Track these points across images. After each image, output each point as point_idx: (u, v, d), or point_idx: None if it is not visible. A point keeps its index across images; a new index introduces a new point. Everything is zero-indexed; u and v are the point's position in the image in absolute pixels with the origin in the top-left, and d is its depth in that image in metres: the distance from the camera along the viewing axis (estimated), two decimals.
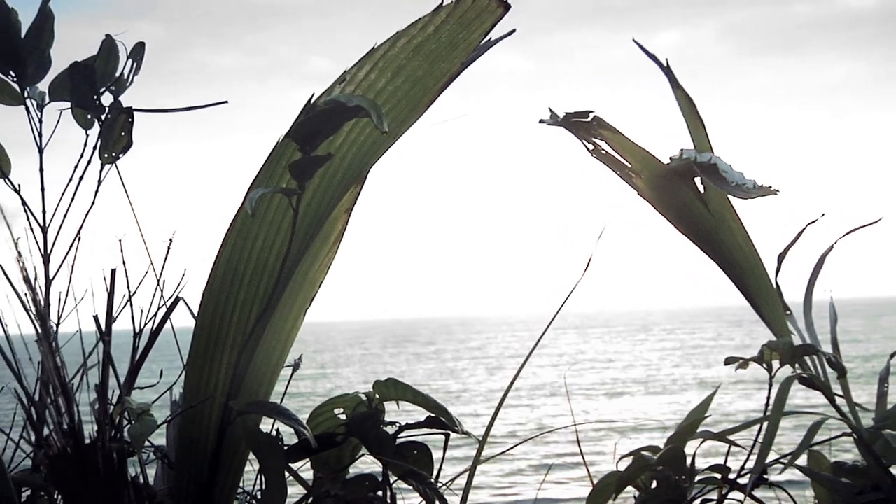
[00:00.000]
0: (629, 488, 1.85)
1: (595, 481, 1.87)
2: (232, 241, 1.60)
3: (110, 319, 1.63)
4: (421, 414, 1.78)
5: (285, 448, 1.63)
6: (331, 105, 1.48)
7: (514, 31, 1.74)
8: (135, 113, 2.09)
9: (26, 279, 1.42)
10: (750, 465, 1.81)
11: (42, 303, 1.47)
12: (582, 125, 2.05)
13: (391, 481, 1.67)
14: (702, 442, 1.81)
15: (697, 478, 1.81)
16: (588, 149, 2.08)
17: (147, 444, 1.66)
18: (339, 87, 1.59)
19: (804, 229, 2.05)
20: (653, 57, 2.07)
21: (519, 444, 1.91)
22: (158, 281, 1.79)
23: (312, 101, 1.53)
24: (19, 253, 1.44)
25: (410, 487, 1.68)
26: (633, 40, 2.11)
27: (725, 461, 1.84)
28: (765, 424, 1.81)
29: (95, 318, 1.64)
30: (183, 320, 1.84)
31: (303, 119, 1.50)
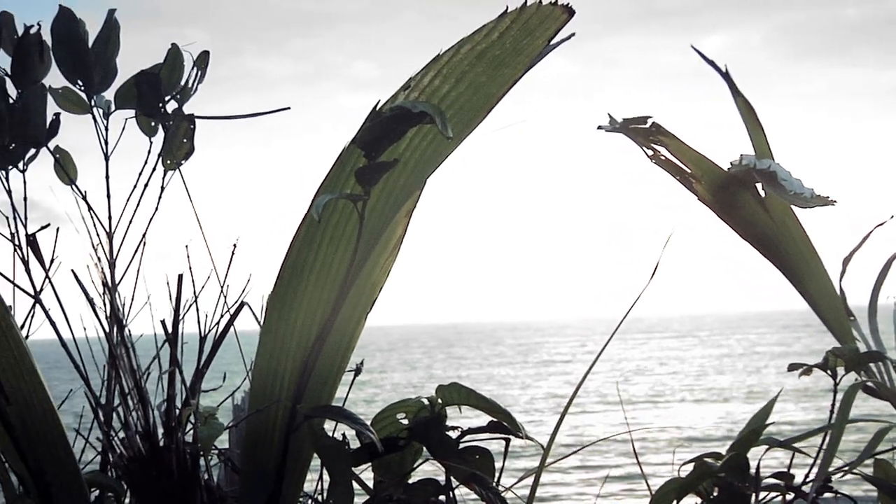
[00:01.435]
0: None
1: (652, 491, 1.87)
2: (297, 247, 1.62)
3: (177, 324, 1.65)
4: (479, 418, 1.78)
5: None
6: (396, 111, 1.49)
7: (573, 34, 1.74)
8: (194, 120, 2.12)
9: (105, 283, 1.45)
10: (814, 473, 1.80)
11: (120, 307, 1.49)
12: (640, 131, 2.04)
13: (454, 486, 1.68)
14: (767, 449, 1.80)
15: (761, 485, 1.79)
16: (647, 154, 2.08)
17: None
18: (403, 93, 1.60)
19: (871, 232, 2.03)
20: (712, 63, 2.06)
21: (577, 450, 1.91)
22: (222, 286, 1.82)
23: (378, 108, 1.54)
24: (99, 258, 1.46)
25: (472, 492, 1.68)
26: (692, 46, 2.10)
27: (789, 469, 1.83)
28: (829, 432, 1.80)
29: (163, 322, 1.66)
30: (245, 324, 1.87)
31: (368, 125, 1.52)
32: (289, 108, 1.82)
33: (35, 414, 1.46)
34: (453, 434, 1.70)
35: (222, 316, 1.76)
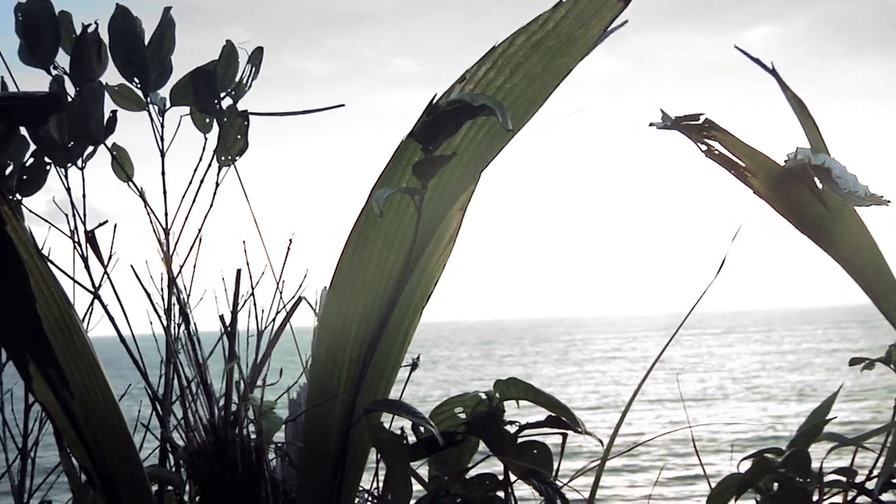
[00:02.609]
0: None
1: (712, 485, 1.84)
2: (354, 242, 1.62)
3: (235, 319, 1.66)
4: (530, 415, 1.77)
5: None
6: (455, 104, 1.48)
7: (626, 21, 1.72)
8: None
9: (172, 280, 1.46)
10: (878, 470, 1.77)
11: (184, 301, 1.50)
12: (693, 128, 2.02)
13: (512, 481, 1.67)
14: (834, 447, 1.77)
15: (823, 481, 1.76)
16: (701, 150, 2.06)
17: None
18: (458, 86, 1.59)
19: None
20: (758, 61, 2.04)
21: (635, 446, 1.89)
22: (278, 281, 1.82)
23: (435, 101, 1.54)
24: (166, 253, 1.47)
25: (530, 487, 1.67)
26: (736, 47, 2.07)
27: (851, 464, 1.80)
28: (894, 430, 1.77)
29: (221, 317, 1.67)
30: (300, 320, 1.87)
31: (425, 119, 1.51)
32: (343, 104, 1.83)
33: (98, 408, 1.48)
34: (511, 429, 1.69)
35: (279, 311, 1.77)
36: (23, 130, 1.93)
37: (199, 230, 1.99)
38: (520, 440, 1.69)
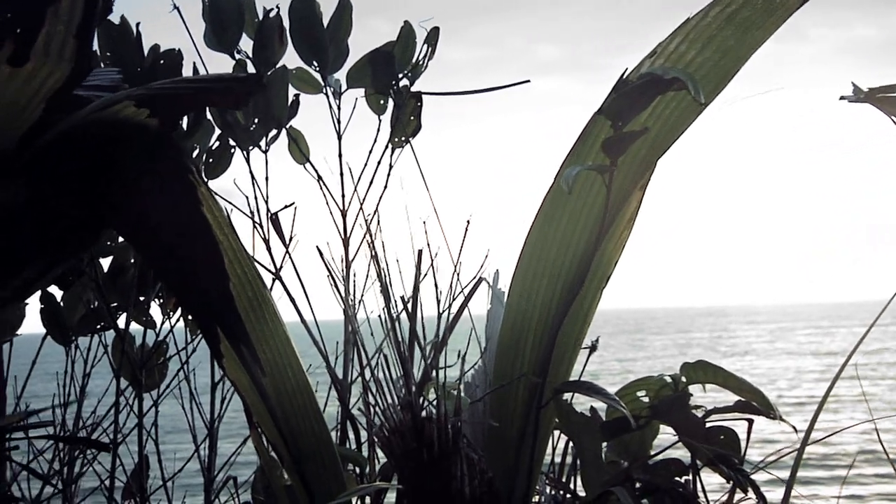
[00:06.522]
0: None
1: None
2: (539, 221, 1.60)
3: (417, 299, 1.66)
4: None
5: None
6: (646, 78, 1.44)
7: None
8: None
9: (376, 259, 1.47)
10: None
11: (387, 280, 1.51)
12: (888, 100, 1.93)
13: (699, 467, 1.62)
14: None
15: None
16: (895, 122, 1.96)
17: None
18: (649, 60, 1.55)
19: None
20: None
21: (828, 436, 1.81)
22: (456, 264, 1.82)
23: (625, 77, 1.50)
24: (373, 234, 1.48)
25: (717, 474, 1.61)
26: None
27: None
28: None
29: (402, 298, 1.67)
30: (473, 304, 1.86)
31: (615, 95, 1.47)
32: (528, 80, 1.80)
33: (289, 386, 1.49)
34: (698, 413, 1.63)
35: (457, 294, 1.76)
36: (208, 115, 1.98)
37: (376, 211, 2.01)
38: (707, 425, 1.63)
